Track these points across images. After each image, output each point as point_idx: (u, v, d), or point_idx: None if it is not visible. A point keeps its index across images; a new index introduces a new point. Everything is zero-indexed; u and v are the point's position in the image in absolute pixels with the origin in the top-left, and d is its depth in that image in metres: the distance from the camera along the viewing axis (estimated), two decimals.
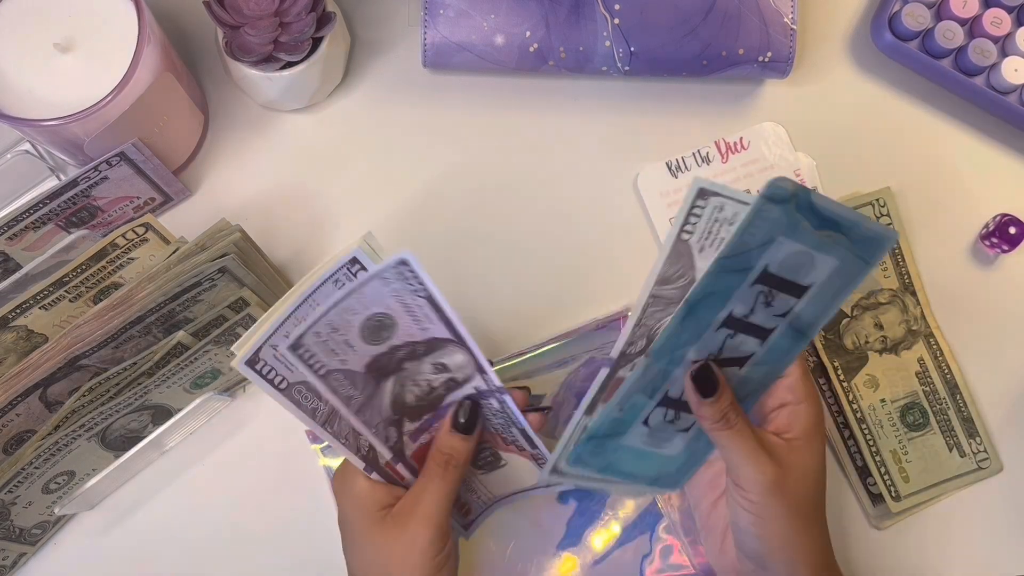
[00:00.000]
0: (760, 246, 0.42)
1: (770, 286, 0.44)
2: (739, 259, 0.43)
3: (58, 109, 0.49)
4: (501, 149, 0.62)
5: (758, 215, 0.41)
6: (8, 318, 0.50)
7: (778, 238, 0.42)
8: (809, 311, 0.46)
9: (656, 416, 0.48)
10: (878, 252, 0.45)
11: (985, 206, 0.63)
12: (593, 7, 0.57)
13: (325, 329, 0.43)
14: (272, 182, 0.61)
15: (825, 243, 0.43)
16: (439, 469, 0.47)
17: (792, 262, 0.44)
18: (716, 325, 0.45)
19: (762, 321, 0.46)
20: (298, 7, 0.53)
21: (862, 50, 0.64)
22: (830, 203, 0.43)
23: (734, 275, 0.43)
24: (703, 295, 0.44)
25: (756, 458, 0.46)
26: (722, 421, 0.47)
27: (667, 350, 0.45)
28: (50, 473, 0.52)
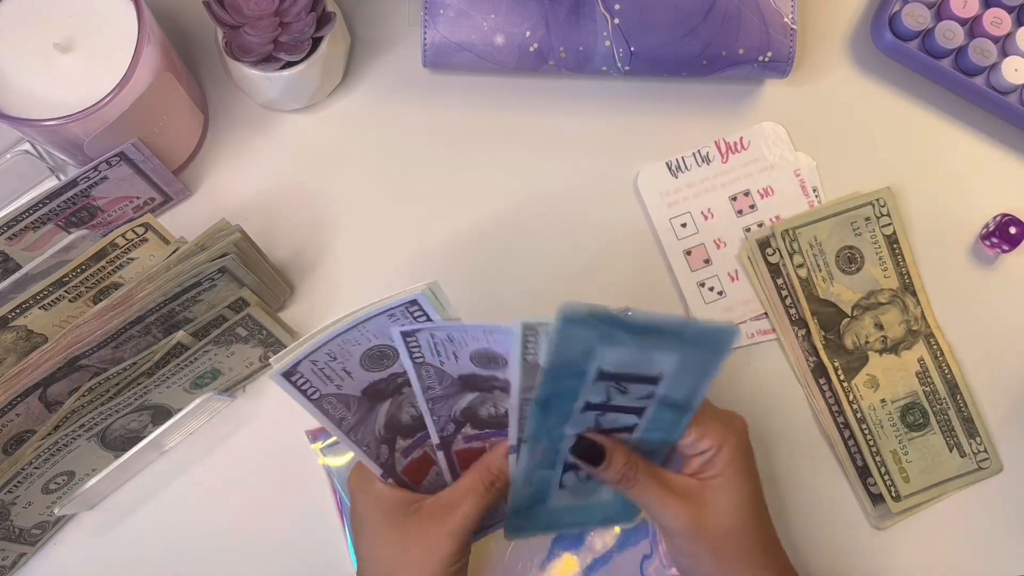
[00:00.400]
0: (581, 357, 0.42)
1: (616, 380, 0.44)
2: (566, 369, 0.42)
3: (58, 109, 0.49)
4: (501, 149, 0.62)
5: (562, 337, 0.40)
6: (8, 318, 0.50)
7: (597, 348, 0.41)
8: (677, 392, 0.45)
9: (569, 479, 0.48)
10: (722, 345, 0.43)
11: (985, 206, 0.63)
12: (593, 7, 0.57)
13: (323, 358, 0.43)
14: (272, 182, 0.61)
15: (654, 344, 0.42)
16: (483, 487, 0.47)
17: (627, 361, 0.43)
18: (578, 411, 0.45)
19: (627, 402, 0.45)
20: (298, 7, 0.53)
21: (862, 50, 0.64)
22: (643, 317, 0.41)
23: (570, 380, 0.43)
24: (549, 395, 0.43)
25: (667, 505, 0.46)
26: (623, 480, 0.46)
27: (541, 434, 0.45)
28: (50, 473, 0.52)
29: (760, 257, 0.60)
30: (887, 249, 0.60)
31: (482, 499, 0.47)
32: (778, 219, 0.61)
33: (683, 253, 0.61)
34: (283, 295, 0.58)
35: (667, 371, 0.43)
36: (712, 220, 0.61)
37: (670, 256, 0.61)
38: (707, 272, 0.61)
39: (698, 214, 0.61)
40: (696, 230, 0.61)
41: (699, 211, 0.61)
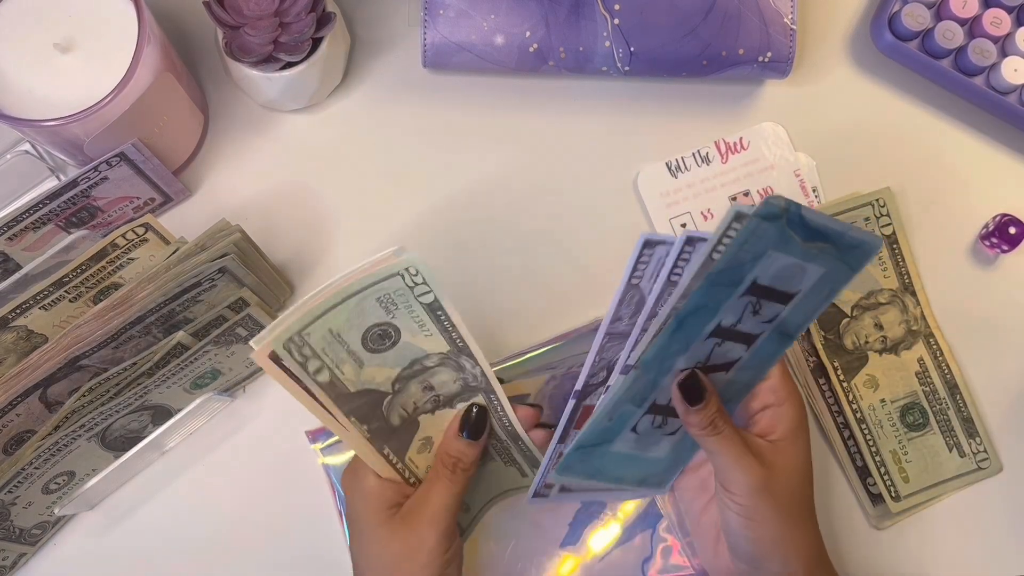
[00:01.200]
0: (751, 261, 0.43)
1: (759, 296, 0.45)
2: (730, 274, 0.43)
3: (58, 109, 0.49)
4: (501, 149, 0.62)
5: (753, 233, 0.42)
6: (8, 318, 0.50)
7: (769, 252, 0.43)
8: (795, 315, 0.47)
9: (644, 423, 0.49)
10: (864, 259, 0.46)
11: (985, 206, 0.63)
12: (593, 7, 0.57)
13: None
14: (272, 182, 0.61)
15: (813, 253, 0.44)
16: (446, 471, 0.48)
17: (782, 274, 0.44)
18: (705, 335, 0.46)
19: (750, 328, 0.46)
20: (298, 7, 0.53)
21: (862, 50, 0.64)
22: (819, 216, 0.43)
23: (724, 289, 0.44)
24: (693, 309, 0.44)
25: (743, 461, 0.47)
26: (710, 427, 0.47)
27: (656, 361, 0.46)
28: (50, 473, 0.52)
29: None
30: (887, 249, 0.60)
31: (449, 484, 0.48)
32: None
33: None
34: (283, 295, 0.58)
35: (804, 287, 0.45)
36: (712, 220, 0.61)
37: None
38: None
39: (698, 214, 0.61)
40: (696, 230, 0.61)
41: (699, 211, 0.61)
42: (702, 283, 0.43)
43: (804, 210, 0.42)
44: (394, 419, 0.48)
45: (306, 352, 0.43)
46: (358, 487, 0.48)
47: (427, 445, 0.50)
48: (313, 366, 0.43)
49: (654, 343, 0.45)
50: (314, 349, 0.43)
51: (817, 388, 0.59)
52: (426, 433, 0.50)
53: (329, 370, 0.44)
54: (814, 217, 0.43)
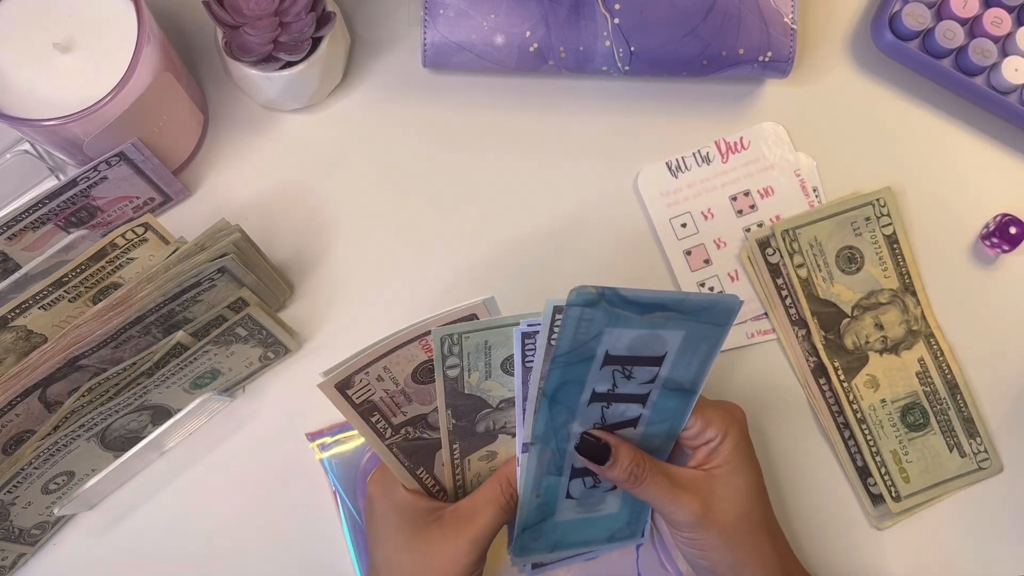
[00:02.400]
0: (592, 340, 0.43)
1: (622, 364, 0.45)
2: (576, 354, 0.43)
3: (58, 109, 0.49)
4: (501, 149, 0.62)
5: (578, 320, 0.41)
6: (7, 318, 0.50)
7: (606, 330, 0.42)
8: (680, 373, 0.46)
9: (576, 487, 0.49)
10: (726, 315, 0.45)
11: (985, 206, 0.63)
12: (593, 7, 0.57)
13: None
14: (272, 182, 0.61)
15: (659, 322, 0.43)
16: (503, 498, 0.48)
17: (636, 343, 0.44)
18: (585, 403, 0.45)
19: (631, 390, 0.46)
20: (298, 7, 0.53)
21: (862, 50, 0.64)
22: (645, 293, 0.42)
23: (578, 366, 0.43)
24: (557, 386, 0.44)
25: (677, 500, 0.47)
26: (630, 479, 0.47)
27: (549, 433, 0.46)
28: (50, 473, 0.52)
29: (760, 257, 0.60)
30: (887, 249, 0.60)
31: (502, 509, 0.48)
32: (778, 219, 0.61)
33: (683, 253, 0.61)
34: (283, 295, 0.58)
35: (672, 350, 0.44)
36: (712, 220, 0.61)
37: (670, 256, 0.61)
38: (707, 272, 0.61)
39: (698, 214, 0.61)
40: (696, 230, 0.61)
41: (699, 211, 0.61)
42: (552, 365, 0.43)
43: (624, 291, 0.41)
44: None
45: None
46: (389, 495, 0.48)
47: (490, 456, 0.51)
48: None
49: (536, 418, 0.45)
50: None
51: (817, 388, 0.59)
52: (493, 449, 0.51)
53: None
54: (639, 295, 0.42)
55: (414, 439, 0.48)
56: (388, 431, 0.47)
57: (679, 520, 0.47)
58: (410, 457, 0.49)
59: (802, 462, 0.59)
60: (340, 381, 0.44)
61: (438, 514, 0.48)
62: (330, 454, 0.57)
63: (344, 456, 0.57)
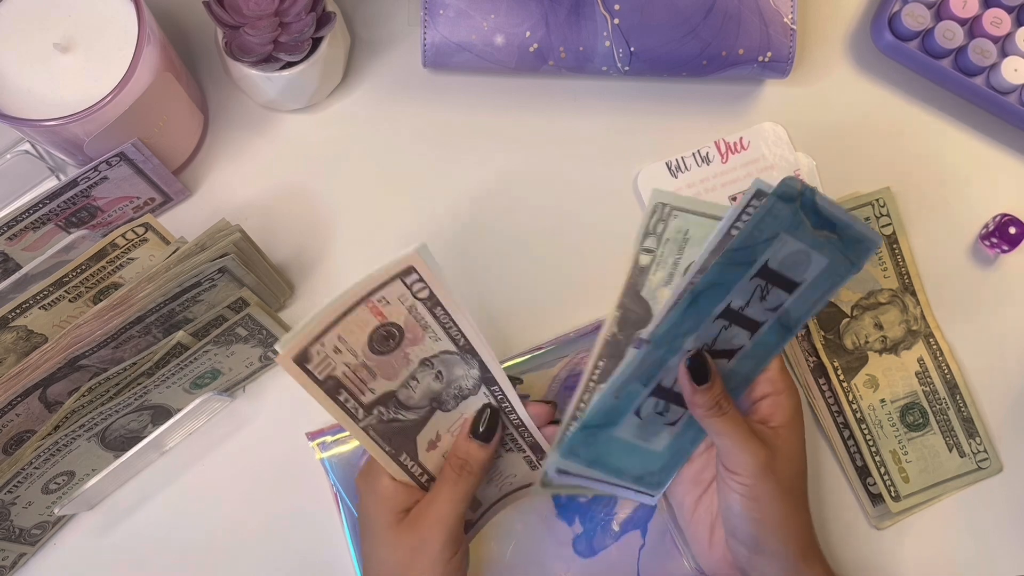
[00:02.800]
0: (765, 241, 0.45)
1: (767, 281, 0.47)
2: (745, 252, 0.45)
3: (58, 109, 0.49)
4: (501, 149, 0.62)
5: (769, 212, 0.44)
6: (8, 318, 0.50)
7: (781, 235, 0.45)
8: (797, 307, 0.49)
9: (647, 407, 0.50)
10: (864, 255, 0.48)
11: (985, 206, 0.63)
12: (593, 7, 0.57)
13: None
14: (272, 182, 0.61)
15: (821, 242, 0.46)
16: (453, 474, 0.48)
17: (791, 259, 0.46)
18: (714, 316, 0.47)
19: (755, 314, 0.48)
20: (298, 7, 0.53)
21: (862, 50, 0.64)
22: (830, 203, 0.45)
23: (738, 268, 0.46)
24: (708, 285, 0.46)
25: (748, 442, 0.48)
26: (715, 408, 0.48)
27: (668, 337, 0.47)
28: (50, 473, 0.52)
29: None
30: (887, 249, 0.60)
31: (456, 486, 0.48)
32: None
33: None
34: (283, 295, 0.58)
35: (809, 278, 0.47)
36: None
37: None
38: None
39: None
40: None
41: None
42: (719, 258, 0.45)
43: (817, 195, 0.44)
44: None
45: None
46: (372, 489, 0.49)
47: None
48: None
49: (667, 318, 0.47)
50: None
51: (817, 388, 0.59)
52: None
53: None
54: (825, 204, 0.45)
55: (389, 420, 0.47)
56: (360, 411, 0.46)
57: (743, 463, 0.48)
58: (389, 441, 0.48)
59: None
60: (297, 354, 0.43)
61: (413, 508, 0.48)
62: (330, 454, 0.57)
63: (344, 456, 0.57)
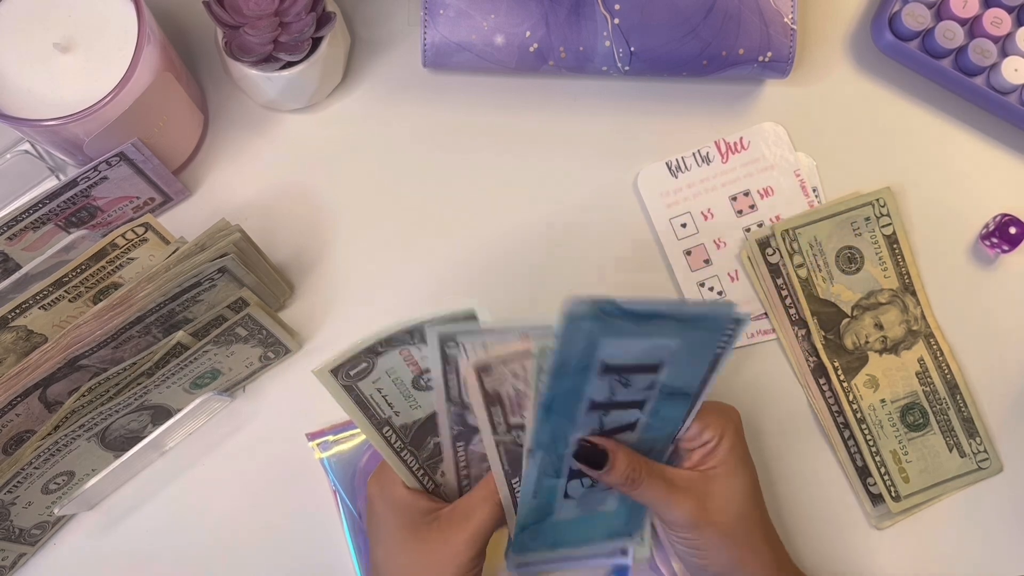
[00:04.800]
0: (585, 351, 0.42)
1: (619, 373, 0.44)
2: (572, 366, 0.43)
3: (58, 109, 0.49)
4: (501, 149, 0.62)
5: (567, 332, 0.41)
6: (8, 318, 0.50)
7: (601, 341, 0.42)
8: (679, 379, 0.46)
9: (574, 487, 0.49)
10: (722, 323, 0.44)
11: (985, 206, 0.63)
12: (593, 7, 0.57)
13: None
14: (272, 182, 0.61)
15: (655, 330, 0.43)
16: (499, 495, 0.48)
17: (630, 352, 0.43)
18: (583, 411, 0.45)
19: (629, 397, 0.46)
20: (298, 7, 0.53)
21: (862, 50, 0.64)
22: (643, 303, 0.41)
23: (575, 376, 0.43)
24: (553, 396, 0.44)
25: (672, 501, 0.47)
26: (628, 483, 0.47)
27: (548, 440, 0.46)
28: (50, 473, 0.52)
29: (760, 257, 0.60)
30: (887, 249, 0.60)
31: (498, 507, 0.48)
32: (778, 219, 0.61)
33: (683, 253, 0.61)
34: (283, 295, 0.58)
35: (668, 358, 0.44)
36: (712, 220, 0.61)
37: (670, 256, 0.61)
38: (707, 272, 0.61)
39: (698, 214, 0.61)
40: (696, 230, 0.61)
41: (699, 211, 0.61)
42: (548, 379, 0.43)
43: (621, 302, 0.41)
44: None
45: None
46: (388, 495, 0.48)
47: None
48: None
49: (533, 429, 0.45)
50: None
51: (817, 388, 0.59)
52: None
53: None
54: (636, 305, 0.41)
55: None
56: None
57: (675, 520, 0.48)
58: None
59: (802, 462, 0.59)
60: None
61: (436, 514, 0.48)
62: (330, 454, 0.57)
63: (344, 456, 0.57)
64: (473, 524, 0.47)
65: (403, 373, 0.47)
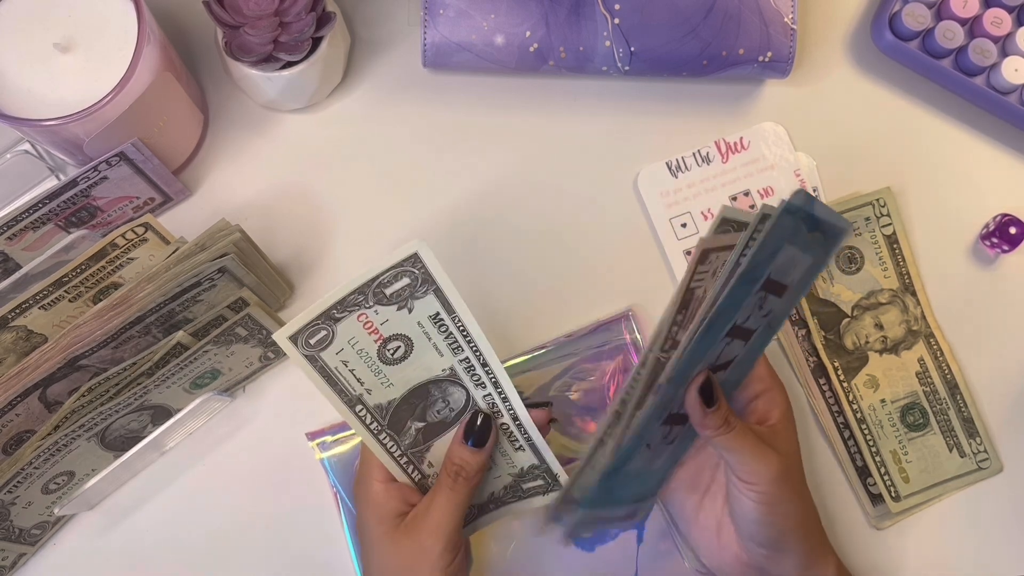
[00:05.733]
0: (770, 256, 0.43)
1: (767, 291, 0.45)
2: (755, 271, 0.43)
3: (58, 109, 0.49)
4: (501, 149, 0.62)
5: (778, 227, 0.42)
6: (8, 318, 0.50)
7: (784, 246, 0.43)
8: (781, 308, 0.47)
9: (656, 436, 0.48)
10: (834, 246, 0.45)
11: (985, 206, 0.63)
12: (593, 7, 0.57)
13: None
14: (272, 182, 0.61)
15: (810, 243, 0.44)
16: (449, 480, 0.48)
17: (786, 265, 0.44)
18: (722, 336, 0.45)
19: (753, 324, 0.46)
20: (298, 7, 0.53)
21: (862, 50, 0.64)
22: (825, 208, 0.44)
23: (748, 286, 0.44)
24: (720, 311, 0.44)
25: (760, 452, 0.47)
26: (724, 426, 0.47)
27: (685, 373, 0.46)
28: (50, 473, 0.52)
29: None
30: (887, 249, 0.60)
31: (451, 493, 0.47)
32: None
33: (683, 253, 0.61)
34: (283, 295, 0.58)
35: (796, 278, 0.45)
36: (711, 220, 0.61)
37: (670, 256, 0.61)
38: None
39: (698, 214, 0.61)
40: (696, 230, 0.61)
41: (699, 211, 0.61)
42: (732, 284, 0.43)
43: (816, 204, 0.43)
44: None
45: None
46: (364, 496, 0.49)
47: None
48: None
49: (685, 356, 0.44)
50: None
51: (817, 388, 0.59)
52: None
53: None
54: (822, 210, 0.43)
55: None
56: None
57: (760, 472, 0.47)
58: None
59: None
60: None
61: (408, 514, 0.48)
62: (330, 454, 0.57)
63: (344, 456, 0.57)
64: (433, 517, 0.46)
65: (366, 343, 0.45)
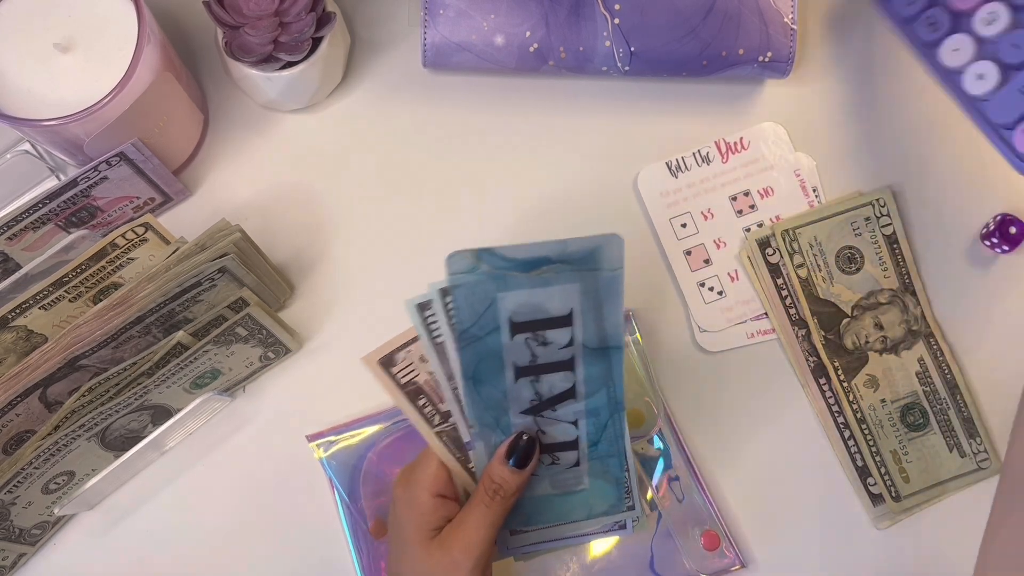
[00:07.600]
0: (486, 311, 0.42)
1: (531, 331, 0.44)
2: (475, 329, 0.42)
3: (58, 109, 0.49)
4: (501, 149, 0.62)
5: (457, 292, 0.41)
6: (8, 318, 0.50)
7: (497, 296, 0.41)
8: (592, 329, 0.45)
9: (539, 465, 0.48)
10: (608, 256, 0.43)
11: (985, 206, 0.63)
12: (593, 7, 0.57)
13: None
14: (272, 182, 0.61)
15: (550, 278, 0.42)
16: (486, 498, 0.47)
17: (532, 305, 0.43)
18: (511, 380, 0.45)
19: (552, 358, 0.45)
20: (298, 7, 0.53)
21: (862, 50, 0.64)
22: (522, 247, 0.41)
23: (485, 340, 0.43)
24: (474, 364, 0.43)
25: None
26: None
27: (480, 418, 0.46)
28: (50, 473, 0.52)
29: (760, 257, 0.60)
30: (887, 249, 0.60)
31: (486, 511, 0.47)
32: (778, 219, 0.61)
33: (683, 253, 0.61)
34: (283, 295, 0.58)
35: (574, 305, 0.43)
36: (712, 220, 0.61)
37: (670, 256, 0.61)
38: (707, 272, 0.61)
39: (698, 214, 0.61)
40: (696, 230, 0.61)
41: (699, 211, 0.61)
42: (457, 347, 0.43)
43: (502, 249, 0.41)
44: None
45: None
46: (410, 500, 0.48)
47: None
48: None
49: (470, 404, 0.45)
50: None
51: (817, 388, 0.59)
52: None
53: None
54: (517, 251, 0.41)
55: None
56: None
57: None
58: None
59: (802, 462, 0.59)
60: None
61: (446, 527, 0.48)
62: (330, 454, 0.57)
63: (344, 456, 0.57)
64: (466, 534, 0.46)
65: None
